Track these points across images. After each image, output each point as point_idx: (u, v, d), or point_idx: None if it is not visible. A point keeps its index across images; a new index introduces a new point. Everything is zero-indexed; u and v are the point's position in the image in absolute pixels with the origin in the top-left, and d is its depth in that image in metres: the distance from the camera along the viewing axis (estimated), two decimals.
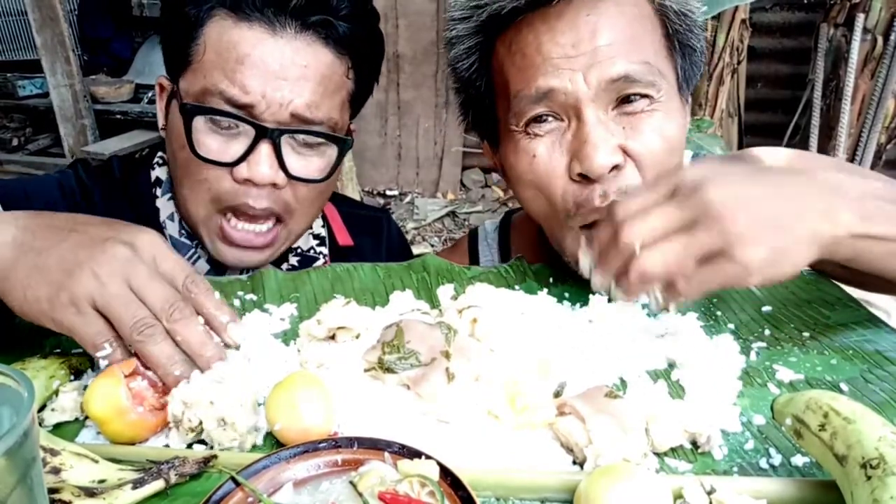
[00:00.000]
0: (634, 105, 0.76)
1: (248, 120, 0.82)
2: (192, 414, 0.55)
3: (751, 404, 0.60)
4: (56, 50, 3.05)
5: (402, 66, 4.42)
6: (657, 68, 0.77)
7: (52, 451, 0.50)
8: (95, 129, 3.49)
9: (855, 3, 3.14)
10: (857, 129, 3.31)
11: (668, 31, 0.80)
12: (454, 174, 4.61)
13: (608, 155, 0.74)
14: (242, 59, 0.81)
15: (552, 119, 0.78)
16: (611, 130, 0.75)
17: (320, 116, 0.85)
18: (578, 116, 0.76)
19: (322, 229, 1.10)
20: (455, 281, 0.82)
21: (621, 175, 0.76)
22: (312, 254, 1.06)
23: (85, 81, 3.35)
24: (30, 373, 0.60)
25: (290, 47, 0.82)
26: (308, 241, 1.07)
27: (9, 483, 0.36)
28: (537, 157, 0.79)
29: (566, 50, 0.75)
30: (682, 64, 0.83)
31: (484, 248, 1.11)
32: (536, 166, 0.79)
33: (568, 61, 0.75)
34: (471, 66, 0.86)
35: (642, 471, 0.47)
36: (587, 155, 0.74)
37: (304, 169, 0.87)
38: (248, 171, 0.83)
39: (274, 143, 0.83)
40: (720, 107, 3.46)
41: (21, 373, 0.40)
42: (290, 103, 0.82)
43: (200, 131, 0.84)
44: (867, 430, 0.45)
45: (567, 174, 0.77)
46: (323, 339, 0.67)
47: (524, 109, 0.78)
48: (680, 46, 0.82)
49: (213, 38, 0.82)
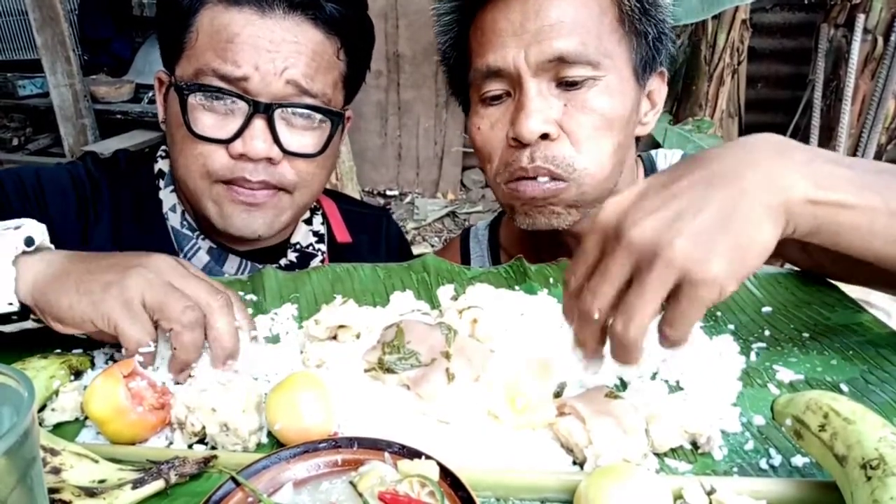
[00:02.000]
0: (574, 81, 0.81)
1: (241, 95, 0.84)
2: (194, 419, 0.55)
3: (751, 405, 0.60)
4: (56, 50, 3.05)
5: (402, 66, 4.42)
6: (601, 49, 0.81)
7: (52, 451, 0.50)
8: (95, 128, 3.49)
9: (855, 4, 3.14)
10: (858, 129, 3.31)
11: (621, 14, 0.82)
12: (454, 174, 4.61)
13: (539, 123, 0.80)
14: (233, 38, 0.83)
15: (504, 96, 0.85)
16: (549, 103, 0.82)
17: (315, 89, 0.87)
18: (521, 89, 0.82)
19: (321, 226, 1.10)
20: (455, 281, 0.82)
21: (552, 145, 0.82)
22: (311, 250, 1.07)
23: (85, 81, 3.35)
24: (30, 373, 0.60)
25: (279, 26, 0.84)
26: (308, 238, 1.07)
27: (9, 483, 0.36)
28: (483, 127, 0.88)
29: (514, 27, 0.81)
30: (637, 47, 0.85)
31: (475, 246, 1.14)
32: (482, 134, 0.88)
33: (514, 39, 0.81)
34: (446, 42, 0.92)
35: (642, 471, 0.47)
36: (519, 120, 0.81)
37: (298, 143, 0.88)
38: (243, 146, 0.85)
39: (268, 118, 0.85)
40: (720, 107, 3.46)
41: (21, 373, 0.40)
42: (284, 71, 0.84)
43: (196, 109, 0.85)
44: (867, 430, 0.45)
45: (506, 141, 0.85)
46: (324, 339, 0.68)
47: (479, 84, 0.87)
48: (633, 30, 0.84)
49: (205, 24, 0.85)
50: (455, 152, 4.52)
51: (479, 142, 0.89)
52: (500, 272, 0.85)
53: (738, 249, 0.50)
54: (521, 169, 0.83)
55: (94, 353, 0.68)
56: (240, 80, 0.83)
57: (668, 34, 0.87)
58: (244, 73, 0.83)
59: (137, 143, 3.29)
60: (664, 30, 0.86)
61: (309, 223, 1.09)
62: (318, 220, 1.10)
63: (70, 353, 0.67)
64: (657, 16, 0.84)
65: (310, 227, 1.08)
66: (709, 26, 3.34)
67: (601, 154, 0.84)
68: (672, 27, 0.88)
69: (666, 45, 0.88)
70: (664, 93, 0.93)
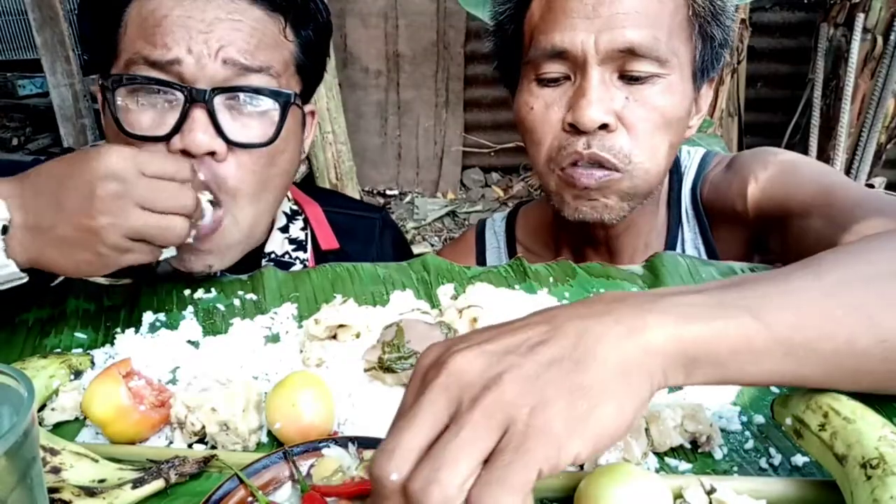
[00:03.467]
0: (637, 77, 0.79)
1: (175, 83, 0.75)
2: (194, 418, 0.55)
3: (751, 404, 0.60)
4: (56, 49, 3.05)
5: (402, 66, 4.42)
6: (670, 46, 0.79)
7: (52, 451, 0.50)
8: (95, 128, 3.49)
9: (855, 3, 3.14)
10: (857, 128, 3.31)
11: (691, 14, 0.81)
12: (454, 174, 4.61)
13: (600, 112, 0.78)
14: (160, 21, 0.75)
15: (563, 80, 0.82)
16: (611, 93, 0.79)
17: (257, 63, 0.77)
18: (584, 75, 0.80)
19: (302, 233, 1.03)
20: (455, 281, 0.82)
21: (610, 136, 0.80)
22: (287, 259, 0.99)
23: (85, 81, 3.35)
24: (30, 372, 0.60)
25: (212, 5, 0.76)
26: (283, 246, 0.99)
27: (9, 483, 0.36)
28: (537, 107, 0.84)
29: (587, 10, 0.78)
30: (702, 50, 0.84)
31: (491, 237, 1.12)
32: (535, 114, 0.84)
33: (585, 22, 0.78)
34: (504, 12, 0.89)
35: (642, 471, 0.47)
36: (580, 107, 0.79)
37: (243, 133, 0.77)
38: (181, 140, 0.75)
39: (208, 108, 0.75)
40: (720, 106, 3.46)
41: (21, 372, 0.40)
42: (220, 50, 0.75)
43: (128, 107, 0.76)
44: (867, 429, 0.45)
45: (561, 125, 0.82)
46: (324, 338, 0.68)
47: (538, 62, 0.83)
48: (700, 31, 0.82)
49: (133, 16, 0.77)
50: (455, 152, 4.52)
51: (529, 122, 0.85)
52: (500, 272, 0.85)
53: (590, 416, 0.36)
54: (577, 153, 0.80)
55: (93, 352, 0.68)
56: (172, 65, 0.74)
57: (730, 42, 0.87)
58: (175, 56, 0.74)
59: None
60: (728, 36, 0.85)
61: (285, 230, 1.01)
62: (296, 226, 1.02)
63: (70, 352, 0.67)
64: (724, 21, 0.83)
65: (286, 234, 1.00)
66: None
67: (657, 151, 0.83)
68: None
69: (725, 53, 0.87)
70: (710, 99, 0.92)
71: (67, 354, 0.65)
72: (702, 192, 0.96)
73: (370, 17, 4.38)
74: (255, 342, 0.71)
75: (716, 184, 0.94)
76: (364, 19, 4.39)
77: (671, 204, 0.98)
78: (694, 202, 0.96)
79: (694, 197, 0.96)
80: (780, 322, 0.43)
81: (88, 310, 0.77)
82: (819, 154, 3.34)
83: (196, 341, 0.71)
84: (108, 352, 0.69)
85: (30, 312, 0.76)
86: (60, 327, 0.74)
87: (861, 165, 3.33)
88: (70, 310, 0.77)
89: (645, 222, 0.95)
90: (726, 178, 0.93)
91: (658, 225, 0.97)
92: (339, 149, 3.86)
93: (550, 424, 0.35)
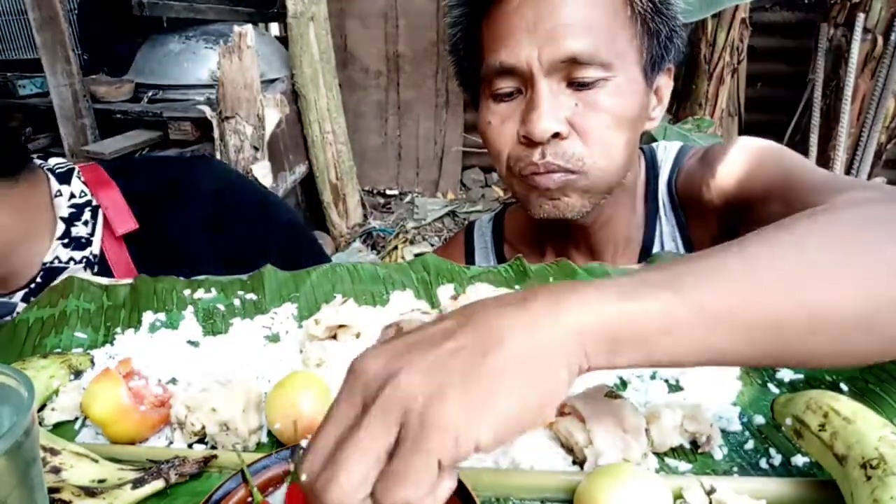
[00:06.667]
0: (585, 82, 0.81)
1: None
2: (194, 418, 0.55)
3: (751, 404, 0.60)
4: (56, 49, 3.04)
5: (402, 66, 4.43)
6: (613, 49, 0.80)
7: (52, 451, 0.50)
8: (95, 128, 3.48)
9: (855, 3, 3.14)
10: (858, 128, 3.31)
11: (632, 13, 0.82)
12: (454, 174, 4.61)
13: (550, 122, 0.80)
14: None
15: (515, 93, 0.85)
16: (560, 102, 0.81)
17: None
18: (533, 88, 0.82)
19: (85, 228, 0.95)
20: (455, 281, 0.82)
21: (563, 143, 0.82)
22: (58, 264, 0.93)
23: (85, 81, 3.34)
24: (30, 373, 0.60)
25: None
26: (55, 252, 0.93)
27: (9, 483, 0.36)
28: (494, 122, 0.87)
29: (528, 26, 0.80)
30: (649, 45, 0.85)
31: (478, 239, 1.14)
32: (493, 130, 0.87)
33: (528, 37, 0.80)
34: (457, 34, 0.91)
35: (642, 471, 0.47)
36: (531, 120, 0.80)
37: None
38: None
39: None
40: (720, 106, 3.46)
41: (21, 372, 0.40)
42: None
43: None
44: (867, 430, 0.45)
45: (517, 137, 0.85)
46: (324, 338, 0.68)
47: (490, 80, 0.85)
48: (646, 28, 0.83)
49: None
50: (455, 152, 4.52)
51: (489, 137, 0.89)
52: (501, 272, 0.85)
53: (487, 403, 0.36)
54: (533, 165, 0.83)
55: (93, 352, 0.68)
56: None
57: (679, 32, 0.87)
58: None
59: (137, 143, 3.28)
60: (675, 28, 0.86)
61: (64, 236, 0.95)
62: (77, 228, 0.95)
63: (70, 352, 0.67)
64: (669, 14, 0.84)
65: (61, 240, 0.94)
66: (708, 25, 3.34)
67: (611, 150, 0.84)
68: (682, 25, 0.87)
69: (676, 42, 0.88)
70: (671, 88, 0.93)
71: (67, 354, 0.65)
72: (678, 184, 0.97)
73: (370, 17, 4.39)
74: (255, 342, 0.71)
75: (689, 175, 0.96)
76: (364, 19, 4.40)
77: (648, 198, 0.99)
78: (671, 195, 0.97)
79: (670, 190, 0.97)
80: (703, 297, 0.42)
81: (88, 310, 0.77)
82: (819, 154, 3.35)
83: (196, 341, 0.72)
84: (108, 352, 0.69)
85: (30, 312, 0.76)
86: (60, 327, 0.74)
87: (861, 165, 3.33)
88: (70, 310, 0.77)
89: (622, 218, 0.97)
90: (700, 170, 0.94)
91: (637, 219, 0.99)
92: (339, 149, 3.86)
93: (445, 414, 0.35)
